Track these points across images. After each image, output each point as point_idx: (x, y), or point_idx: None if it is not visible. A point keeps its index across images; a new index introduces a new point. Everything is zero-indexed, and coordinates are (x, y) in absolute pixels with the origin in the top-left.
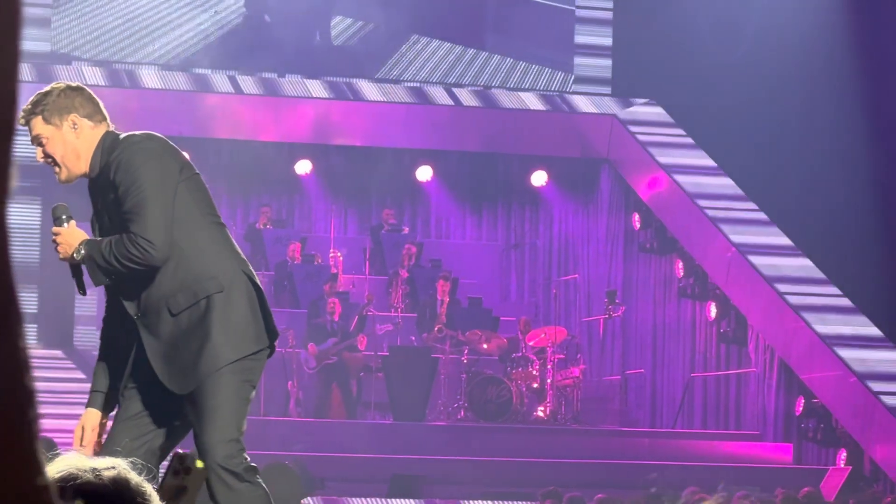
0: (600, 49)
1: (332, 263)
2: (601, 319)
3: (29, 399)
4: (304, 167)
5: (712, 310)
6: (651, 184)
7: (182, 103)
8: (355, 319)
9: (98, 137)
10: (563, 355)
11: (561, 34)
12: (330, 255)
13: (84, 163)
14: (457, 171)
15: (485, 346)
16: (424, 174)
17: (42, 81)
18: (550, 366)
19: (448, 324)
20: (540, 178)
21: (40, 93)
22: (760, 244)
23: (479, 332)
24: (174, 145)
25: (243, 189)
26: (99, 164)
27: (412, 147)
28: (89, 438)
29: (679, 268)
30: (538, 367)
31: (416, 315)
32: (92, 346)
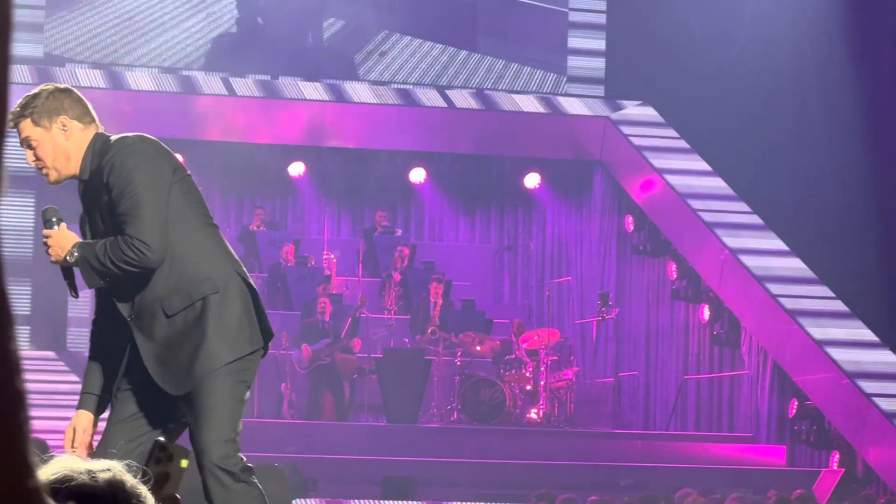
0: (593, 51)
1: (326, 265)
2: (594, 321)
3: (20, 401)
4: (298, 169)
5: (705, 312)
6: (644, 186)
7: (175, 105)
8: (348, 322)
9: (88, 139)
10: (557, 357)
11: (554, 36)
12: (323, 257)
13: (74, 164)
14: (450, 173)
15: (478, 349)
16: (417, 176)
17: (36, 84)
18: (544, 368)
19: (441, 326)
20: (533, 180)
21: (29, 95)
22: (753, 246)
23: (473, 335)
24: (166, 147)
25: (237, 191)
26: (90, 167)
27: (405, 149)
28: (81, 440)
29: (672, 270)
30: (531, 370)
31: (410, 317)
32: (84, 348)
